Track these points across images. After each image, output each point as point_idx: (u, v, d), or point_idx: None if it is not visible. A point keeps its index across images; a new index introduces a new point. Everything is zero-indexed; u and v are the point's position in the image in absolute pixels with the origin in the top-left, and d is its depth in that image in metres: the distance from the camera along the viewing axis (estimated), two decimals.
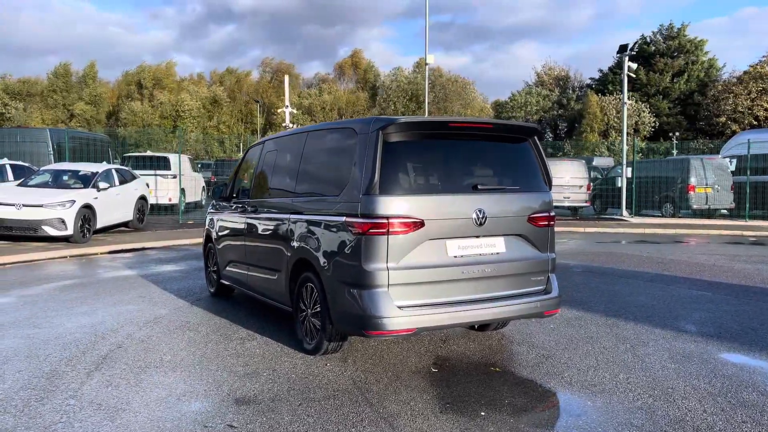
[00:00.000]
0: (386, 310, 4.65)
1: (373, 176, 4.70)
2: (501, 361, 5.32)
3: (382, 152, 4.77)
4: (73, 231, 13.26)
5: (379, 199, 4.68)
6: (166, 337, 6.09)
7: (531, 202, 5.30)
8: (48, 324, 6.57)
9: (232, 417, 4.07)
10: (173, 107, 52.67)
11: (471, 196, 4.99)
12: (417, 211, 4.75)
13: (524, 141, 5.48)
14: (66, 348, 5.66)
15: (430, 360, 5.34)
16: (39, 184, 14.40)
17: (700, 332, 6.28)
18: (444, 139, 5.12)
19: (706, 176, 20.96)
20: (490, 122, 5.28)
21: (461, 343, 5.87)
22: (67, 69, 54.96)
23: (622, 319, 6.86)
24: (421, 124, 5.05)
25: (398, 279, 4.71)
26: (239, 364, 5.21)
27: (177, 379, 4.81)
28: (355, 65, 59.61)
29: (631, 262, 11.47)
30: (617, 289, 8.66)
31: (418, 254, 4.78)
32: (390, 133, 4.84)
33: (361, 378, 4.85)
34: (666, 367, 5.13)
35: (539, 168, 5.49)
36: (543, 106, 57.41)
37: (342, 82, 58.75)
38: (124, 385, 4.67)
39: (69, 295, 8.18)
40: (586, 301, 7.79)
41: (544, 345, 5.80)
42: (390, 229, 4.67)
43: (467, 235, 4.98)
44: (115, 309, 7.33)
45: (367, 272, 4.67)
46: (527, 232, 5.28)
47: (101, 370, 5.05)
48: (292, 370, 5.03)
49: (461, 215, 4.92)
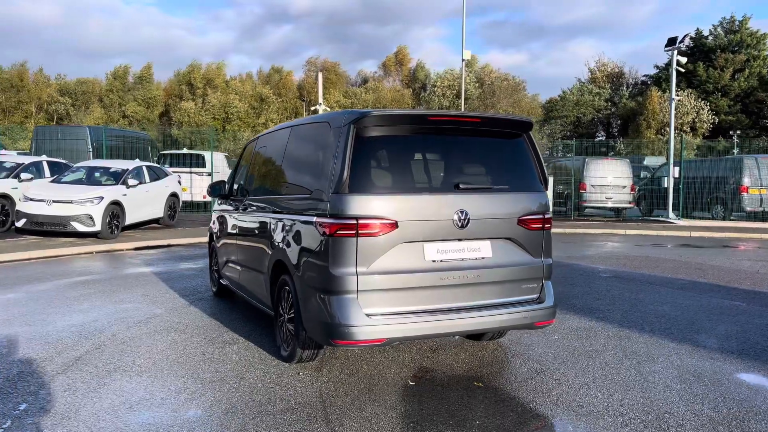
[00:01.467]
0: (353, 318, 4.32)
1: (342, 173, 4.38)
2: (487, 375, 4.91)
3: (354, 147, 4.44)
4: (101, 227, 13.42)
5: (348, 198, 4.35)
6: (149, 338, 5.92)
7: (522, 202, 4.87)
8: (40, 322, 6.51)
9: (176, 431, 3.83)
10: (222, 108, 53.56)
11: (452, 196, 4.60)
12: (390, 211, 4.39)
13: (517, 137, 5.05)
14: (45, 348, 5.55)
15: (411, 371, 4.98)
16: (71, 181, 14.67)
17: (721, 348, 5.69)
18: (424, 135, 4.74)
19: (760, 176, 19.71)
20: (476, 116, 4.86)
21: (451, 353, 5.48)
22: (126, 70, 56.66)
23: (636, 330, 6.32)
24: (397, 118, 4.68)
25: (368, 285, 4.37)
26: (209, 370, 4.98)
27: (139, 385, 4.61)
28: (399, 63, 59.22)
29: (666, 268, 10.76)
30: (641, 297, 8.06)
31: (392, 258, 4.43)
32: (363, 127, 4.51)
33: (330, 390, 4.54)
34: (669, 388, 4.62)
35: (533, 166, 5.05)
36: (596, 105, 55.68)
37: (387, 80, 58.45)
38: (83, 390, 4.49)
39: (75, 292, 8.16)
40: (602, 310, 7.26)
41: (540, 358, 5.36)
42: (359, 231, 4.34)
43: (448, 238, 4.60)
44: (114, 308, 7.24)
45: (335, 277, 4.35)
46: (517, 235, 4.85)
47: (68, 372, 4.90)
48: (260, 379, 4.76)
49: (441, 216, 4.54)
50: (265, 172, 6.12)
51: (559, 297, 7.96)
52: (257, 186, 6.27)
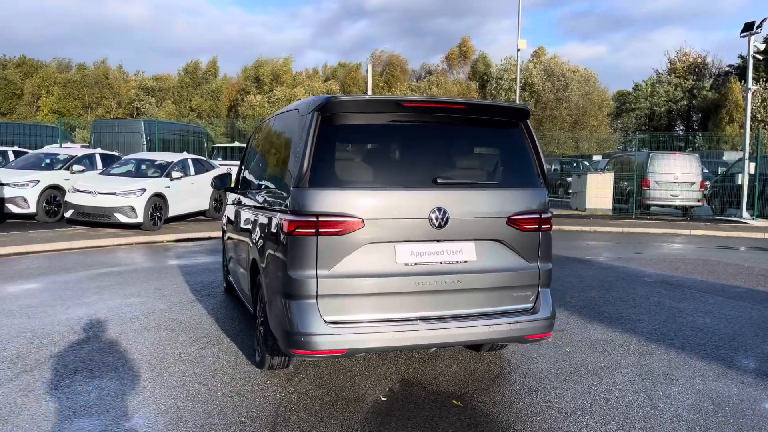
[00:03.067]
0: (312, 326, 3.92)
1: (303, 165, 3.98)
2: (471, 393, 4.39)
3: (318, 137, 4.02)
4: (143, 219, 13.58)
5: (308, 193, 3.95)
6: (136, 336, 5.73)
7: (513, 200, 4.31)
8: (41, 314, 6.46)
9: None
10: (288, 102, 54.27)
11: (429, 192, 4.11)
12: (354, 208, 3.96)
13: (511, 126, 4.49)
14: (28, 342, 5.45)
15: (388, 384, 4.54)
16: (117, 173, 14.95)
17: (757, 370, 4.94)
18: (399, 123, 4.25)
19: None
20: (461, 102, 4.32)
21: (442, 365, 4.99)
22: (196, 66, 58.35)
23: (663, 345, 5.61)
24: (367, 104, 4.21)
25: (329, 289, 3.95)
26: (177, 373, 4.71)
27: (95, 388, 4.38)
28: (463, 55, 57.98)
29: (723, 273, 9.76)
30: (682, 307, 7.26)
31: (357, 260, 4.00)
32: (329, 114, 4.08)
33: (290, 403, 4.16)
34: (679, 418, 3.97)
35: (530, 160, 4.47)
36: (673, 96, 52.76)
37: (450, 73, 57.41)
38: (38, 391, 4.31)
39: (93, 284, 8.15)
40: (632, 320, 6.54)
41: (539, 374, 4.79)
42: (320, 229, 3.93)
43: (424, 239, 4.12)
44: (120, 302, 7.14)
45: (293, 279, 3.96)
46: (507, 237, 4.30)
47: (36, 370, 4.74)
48: (223, 387, 4.44)
49: (415, 215, 4.06)
50: (254, 164, 5.82)
51: (589, 303, 7.31)
52: (246, 178, 5.98)
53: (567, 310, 6.92)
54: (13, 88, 57.22)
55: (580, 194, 20.82)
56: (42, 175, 14.64)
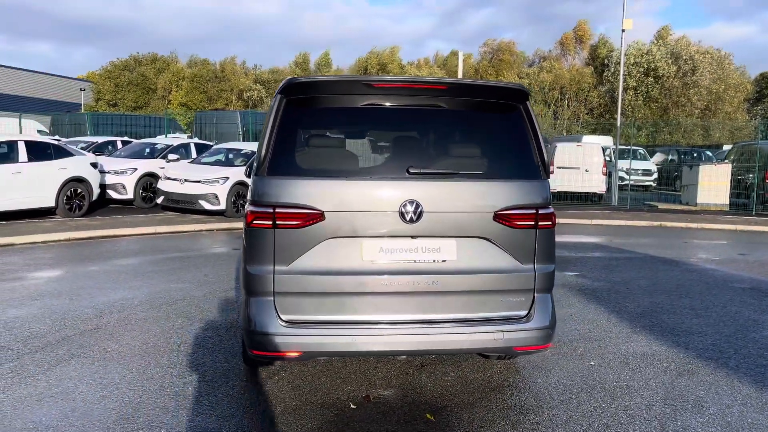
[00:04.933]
0: (268, 325, 3.67)
1: (263, 153, 3.73)
2: (453, 407, 3.95)
3: (282, 122, 3.75)
4: (226, 206, 14.02)
5: (267, 182, 3.70)
6: (154, 323, 5.77)
7: (502, 193, 3.79)
8: (84, 296, 6.73)
9: None
10: None
11: (400, 182, 3.70)
12: (313, 199, 3.64)
13: (506, 110, 3.95)
14: (52, 323, 5.66)
15: (368, 390, 4.20)
16: (207, 162, 15.54)
17: None
18: (370, 106, 3.85)
19: None
20: (442, 82, 3.84)
21: (439, 372, 4.56)
22: (306, 58, 60.13)
23: (714, 364, 4.81)
24: (334, 85, 3.86)
25: (287, 286, 3.68)
26: (164, 364, 4.65)
27: (74, 377, 4.39)
28: (579, 39, 54.90)
29: None
30: (762, 320, 6.25)
31: (319, 256, 3.69)
32: (293, 98, 3.80)
33: (252, 403, 3.95)
34: None
35: (529, 147, 3.91)
36: None
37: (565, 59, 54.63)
38: (26, 374, 4.41)
39: (150, 269, 8.44)
40: (691, 332, 5.70)
41: (541, 390, 4.23)
42: (277, 222, 3.66)
43: (397, 235, 3.73)
44: (162, 287, 7.30)
45: (251, 275, 3.73)
46: (495, 234, 3.80)
47: (39, 352, 4.88)
48: (196, 382, 4.32)
49: (384, 208, 3.68)
50: None
51: (650, 310, 6.50)
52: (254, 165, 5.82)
53: (616, 317, 6.18)
54: (148, 84, 61.88)
55: (691, 187, 18.99)
56: (139, 164, 15.54)
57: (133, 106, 56.63)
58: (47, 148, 13.03)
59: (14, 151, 12.30)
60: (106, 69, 60.72)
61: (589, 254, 10.43)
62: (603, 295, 7.16)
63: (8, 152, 12.25)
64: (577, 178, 19.30)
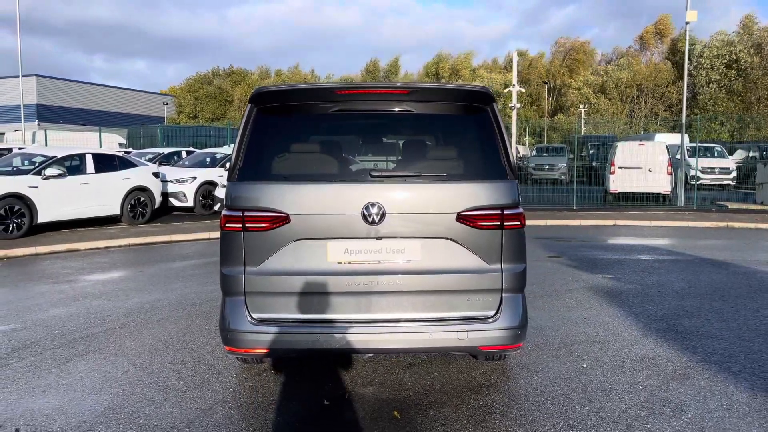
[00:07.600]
0: (238, 323, 3.89)
1: (235, 158, 3.95)
2: (423, 405, 4.01)
3: (250, 129, 3.97)
4: None
5: (237, 187, 3.92)
6: (174, 322, 6.12)
7: (464, 194, 3.84)
8: (121, 297, 7.22)
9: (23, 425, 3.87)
10: None
11: (362, 185, 3.82)
12: (278, 202, 3.83)
13: (471, 112, 3.99)
14: (83, 321, 6.12)
15: (343, 390, 4.31)
16: None
17: None
18: (334, 113, 3.99)
19: None
20: (404, 87, 3.91)
21: (423, 371, 4.61)
22: (375, 65, 60.92)
23: (714, 370, 4.62)
24: (298, 93, 4.03)
25: (256, 286, 3.88)
26: (166, 361, 4.96)
27: (83, 370, 4.75)
28: (659, 34, 52.50)
29: None
30: None
31: (286, 257, 3.87)
32: (262, 106, 4.00)
33: (233, 398, 4.17)
34: None
35: (495, 148, 3.93)
36: None
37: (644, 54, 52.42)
38: (43, 368, 4.82)
39: (191, 272, 8.90)
40: (705, 337, 5.47)
41: (520, 391, 4.22)
42: (246, 225, 3.87)
43: (360, 236, 3.85)
44: (196, 289, 7.70)
45: (224, 275, 3.96)
46: (460, 235, 3.85)
47: (61, 348, 5.31)
48: (192, 377, 4.58)
49: (347, 210, 3.81)
50: None
51: (670, 313, 6.29)
52: None
53: (631, 320, 6.01)
54: (225, 96, 64.59)
55: (766, 186, 17.90)
56: (199, 173, 16.32)
57: (211, 118, 59.17)
58: (113, 160, 13.95)
59: (83, 163, 13.25)
60: (187, 83, 63.84)
61: (633, 256, 10.09)
62: (628, 299, 6.95)
63: (78, 164, 13.21)
64: (640, 177, 18.60)
